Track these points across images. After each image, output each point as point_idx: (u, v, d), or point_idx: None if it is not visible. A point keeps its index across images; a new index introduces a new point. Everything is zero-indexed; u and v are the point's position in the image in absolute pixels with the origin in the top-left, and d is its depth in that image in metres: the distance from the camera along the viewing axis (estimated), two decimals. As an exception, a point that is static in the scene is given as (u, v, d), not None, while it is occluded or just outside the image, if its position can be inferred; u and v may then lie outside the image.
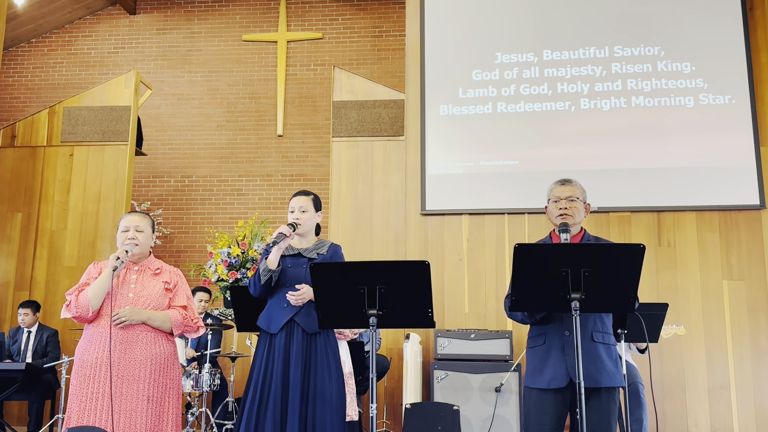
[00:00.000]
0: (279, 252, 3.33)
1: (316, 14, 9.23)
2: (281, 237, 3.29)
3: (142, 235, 3.25)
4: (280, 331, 3.31)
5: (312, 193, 3.55)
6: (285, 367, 3.26)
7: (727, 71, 6.03)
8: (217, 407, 5.66)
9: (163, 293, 3.22)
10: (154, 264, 3.32)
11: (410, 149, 6.31)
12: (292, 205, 3.47)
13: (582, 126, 6.13)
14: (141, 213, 3.39)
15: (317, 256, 3.42)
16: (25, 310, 6.19)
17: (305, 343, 3.30)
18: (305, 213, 3.45)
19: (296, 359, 3.25)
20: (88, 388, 3.04)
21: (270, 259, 3.32)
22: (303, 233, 3.47)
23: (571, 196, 2.95)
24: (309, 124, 8.95)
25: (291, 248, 3.46)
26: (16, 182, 7.16)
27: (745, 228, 5.80)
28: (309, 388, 3.24)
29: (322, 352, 3.31)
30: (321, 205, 3.57)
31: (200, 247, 8.53)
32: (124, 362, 3.06)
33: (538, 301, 2.66)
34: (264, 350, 3.34)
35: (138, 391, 3.05)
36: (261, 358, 3.33)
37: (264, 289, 3.37)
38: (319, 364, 3.29)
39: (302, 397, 3.21)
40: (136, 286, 3.19)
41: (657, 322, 4.15)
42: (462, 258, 6.03)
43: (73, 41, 9.45)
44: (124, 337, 3.08)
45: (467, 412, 5.13)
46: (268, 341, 3.35)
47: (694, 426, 5.52)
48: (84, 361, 3.08)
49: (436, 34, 6.48)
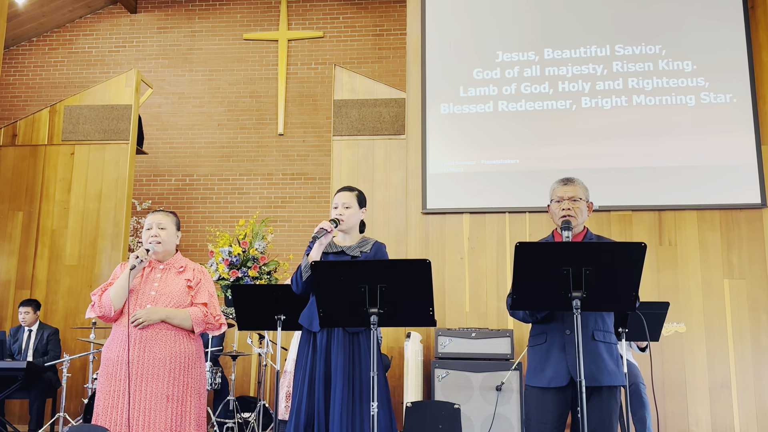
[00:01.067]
0: (320, 248, 3.24)
1: (316, 13, 9.22)
2: (322, 232, 3.21)
3: (164, 233, 3.25)
4: (321, 330, 3.25)
5: (356, 189, 3.46)
6: (327, 366, 3.21)
7: (729, 70, 6.03)
8: (218, 406, 5.66)
9: (185, 291, 3.21)
10: (179, 262, 3.32)
11: (411, 148, 6.31)
12: (336, 201, 3.39)
13: (583, 125, 6.12)
14: (165, 211, 3.38)
15: (360, 254, 3.34)
16: (26, 308, 6.20)
17: (347, 341, 3.23)
18: (348, 209, 3.36)
19: (337, 356, 3.19)
20: (111, 386, 3.06)
21: (311, 255, 3.24)
22: (346, 230, 3.39)
23: (573, 196, 2.94)
24: (310, 123, 8.95)
25: (335, 245, 3.38)
26: (17, 181, 7.16)
27: (746, 227, 5.79)
28: (354, 383, 3.19)
29: (365, 349, 3.24)
30: (366, 201, 3.48)
31: (201, 246, 8.53)
32: (144, 361, 3.07)
33: (539, 299, 2.66)
34: (308, 349, 3.28)
35: (157, 390, 3.05)
36: (305, 357, 3.28)
37: (306, 287, 3.28)
38: (363, 360, 3.22)
39: (350, 392, 3.16)
40: (159, 284, 3.19)
41: (658, 321, 4.15)
42: (463, 257, 6.03)
43: (74, 40, 9.45)
44: (143, 336, 3.09)
45: (468, 411, 5.13)
46: (311, 340, 3.29)
47: (695, 425, 5.52)
48: (107, 359, 3.11)
49: (437, 33, 6.47)
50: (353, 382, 3.19)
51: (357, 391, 3.18)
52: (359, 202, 3.42)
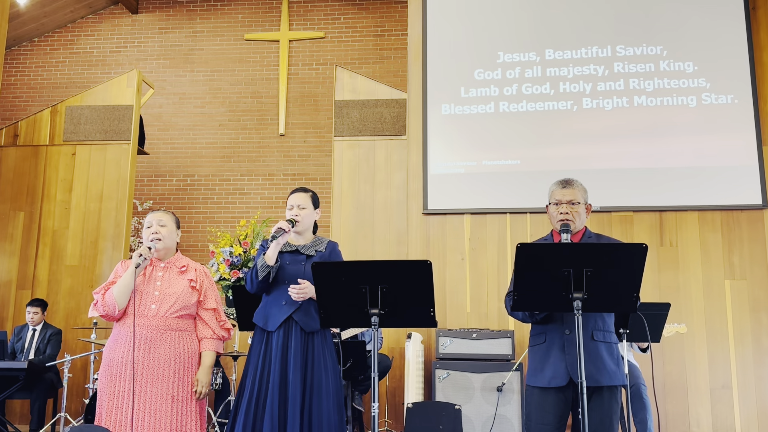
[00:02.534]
0: (277, 248, 3.31)
1: (318, 13, 9.22)
2: (280, 232, 3.27)
3: (165, 230, 3.26)
4: (277, 329, 3.29)
5: (310, 190, 3.54)
6: (283, 366, 3.24)
7: (730, 71, 6.03)
8: (219, 406, 5.66)
9: (189, 291, 3.22)
10: (180, 261, 3.32)
11: (412, 149, 6.31)
12: (291, 202, 3.46)
13: (584, 125, 6.12)
14: (164, 210, 3.40)
15: (315, 254, 3.41)
16: (35, 308, 6.20)
17: (303, 341, 3.28)
18: (304, 210, 3.44)
19: (295, 357, 3.24)
20: (115, 387, 3.06)
21: (268, 255, 3.30)
22: (301, 230, 3.46)
23: (572, 200, 2.93)
24: (311, 124, 8.95)
25: (288, 245, 3.44)
26: (18, 181, 7.16)
27: (747, 228, 5.79)
28: (307, 384, 3.23)
29: (319, 350, 3.29)
30: (319, 202, 3.56)
31: (202, 246, 8.53)
32: (149, 361, 3.07)
33: (540, 300, 2.66)
34: (261, 348, 3.31)
35: (162, 390, 3.06)
36: (258, 355, 3.30)
37: (261, 285, 3.34)
38: (316, 362, 3.27)
39: (302, 393, 3.20)
40: (161, 284, 3.19)
41: (659, 322, 4.15)
42: (464, 257, 6.03)
43: (75, 40, 9.46)
44: (148, 336, 3.09)
45: (469, 412, 5.12)
46: (265, 339, 3.33)
47: (696, 426, 5.51)
48: (111, 359, 3.10)
49: (438, 34, 6.47)
50: (306, 383, 3.23)
51: (308, 393, 3.22)
52: (313, 202, 3.50)
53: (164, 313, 3.14)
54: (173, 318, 3.15)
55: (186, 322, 3.22)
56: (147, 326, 3.10)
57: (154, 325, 3.11)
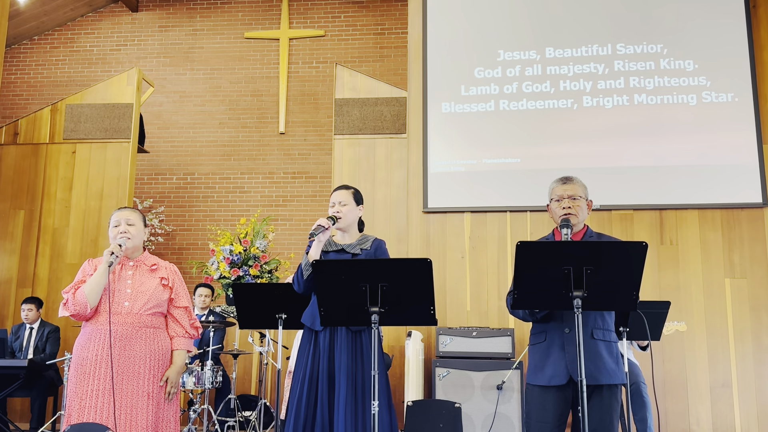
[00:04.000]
0: (319, 245, 3.24)
1: (318, 11, 9.22)
2: (320, 229, 3.20)
3: (133, 229, 3.22)
4: (324, 329, 3.25)
5: (352, 187, 3.47)
6: (330, 365, 3.20)
7: (730, 69, 6.02)
8: (219, 404, 5.67)
9: (160, 289, 3.21)
10: (150, 260, 3.30)
11: (412, 147, 6.31)
12: (333, 199, 3.40)
13: (584, 124, 6.12)
14: (131, 208, 3.36)
15: (360, 252, 3.35)
16: (29, 306, 6.20)
17: (350, 339, 3.23)
18: (345, 206, 3.36)
19: (341, 355, 3.19)
20: (87, 386, 3.02)
21: (311, 254, 3.24)
22: (344, 227, 3.40)
23: (573, 194, 2.94)
24: (311, 122, 8.95)
25: (334, 244, 3.39)
26: (18, 180, 7.16)
27: (747, 226, 5.79)
28: (358, 382, 3.18)
29: (367, 348, 3.24)
30: (362, 198, 3.49)
31: (202, 245, 8.54)
32: (124, 359, 3.06)
33: (540, 298, 2.66)
34: (309, 348, 3.27)
35: (138, 388, 3.06)
36: (307, 355, 3.26)
37: (308, 285, 3.27)
38: (365, 360, 3.22)
39: (354, 391, 3.16)
40: (133, 282, 3.18)
41: (659, 320, 4.14)
42: (464, 256, 6.03)
43: (75, 39, 9.46)
44: (123, 334, 3.08)
45: (469, 410, 5.13)
46: (313, 339, 3.28)
47: (696, 424, 5.52)
48: (83, 358, 3.07)
49: (438, 32, 6.47)
50: (356, 381, 3.19)
51: (360, 390, 3.18)
52: (356, 199, 3.43)
53: (138, 310, 3.12)
54: (147, 315, 3.14)
55: (158, 319, 3.21)
56: (122, 323, 3.08)
57: (129, 323, 3.10)
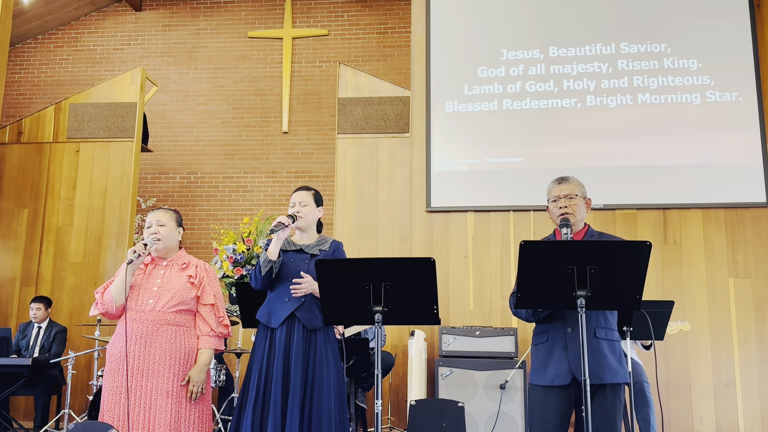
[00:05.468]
0: (279, 242, 3.31)
1: (321, 11, 9.22)
2: (280, 226, 3.27)
3: (164, 229, 3.25)
4: (280, 326, 3.30)
5: (313, 189, 3.54)
6: (286, 362, 3.25)
7: (734, 68, 6.01)
8: (222, 403, 5.67)
9: (187, 287, 3.21)
10: (183, 259, 3.32)
11: (415, 146, 6.31)
12: (293, 200, 3.47)
13: (588, 123, 6.11)
14: (165, 208, 3.38)
15: (319, 252, 3.41)
16: (38, 305, 6.22)
17: (305, 338, 3.29)
18: (305, 207, 3.44)
19: (296, 354, 3.24)
20: (114, 381, 3.08)
21: (270, 250, 3.31)
22: (304, 227, 3.46)
23: (569, 194, 2.94)
24: (314, 121, 8.95)
25: (293, 243, 3.45)
26: (22, 178, 7.18)
27: (751, 226, 5.78)
28: (308, 380, 3.23)
29: (321, 348, 3.30)
30: (322, 200, 3.56)
31: (206, 244, 8.54)
32: (145, 356, 3.07)
33: (543, 298, 2.66)
34: (264, 344, 3.32)
35: (158, 386, 3.06)
36: (262, 352, 3.31)
37: (265, 282, 3.35)
38: (317, 359, 3.27)
39: (303, 389, 3.21)
40: (161, 281, 3.20)
41: (663, 320, 4.14)
42: (467, 255, 6.03)
43: (79, 38, 9.47)
44: (144, 331, 3.10)
45: (472, 409, 5.13)
46: (268, 335, 3.33)
47: (700, 424, 5.51)
48: (111, 355, 3.13)
49: (441, 31, 6.47)
50: (307, 380, 3.23)
51: (309, 390, 3.22)
52: (316, 201, 3.50)
53: (161, 307, 3.13)
54: (170, 313, 3.14)
55: (185, 317, 3.20)
56: (143, 321, 3.10)
57: (151, 320, 3.11)
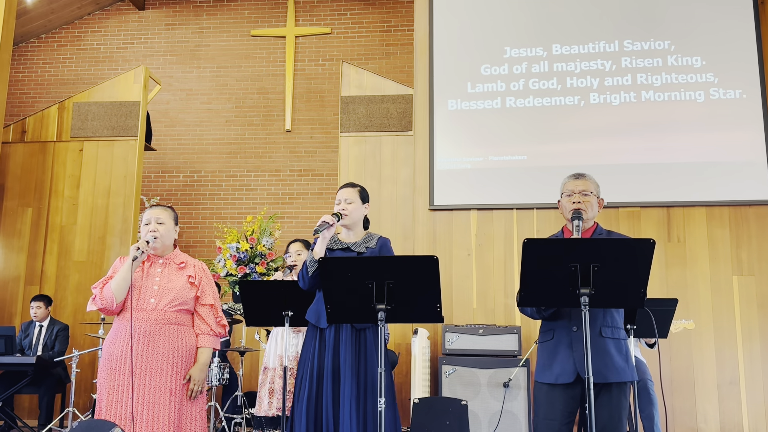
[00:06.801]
0: (324, 242, 3.25)
1: (324, 9, 9.22)
2: (324, 226, 3.21)
3: (163, 227, 3.24)
4: (329, 326, 3.25)
5: (358, 185, 3.46)
6: (335, 361, 3.21)
7: (738, 66, 5.99)
8: (226, 401, 5.68)
9: (187, 287, 3.22)
10: (179, 258, 3.31)
11: (418, 144, 6.31)
12: (338, 197, 3.40)
13: (591, 121, 6.10)
14: (163, 206, 3.38)
15: (366, 250, 3.35)
16: (38, 303, 6.23)
17: (354, 337, 3.24)
18: (351, 204, 3.36)
19: (346, 352, 3.20)
20: (114, 380, 3.07)
21: (315, 250, 3.25)
22: (350, 225, 3.40)
23: (584, 190, 2.94)
24: (317, 120, 8.95)
25: (339, 242, 3.40)
26: (26, 177, 7.20)
27: (755, 223, 5.76)
28: (361, 379, 3.19)
29: (371, 346, 3.25)
30: (368, 197, 3.48)
31: (209, 242, 8.55)
32: (147, 355, 3.08)
33: (547, 296, 2.65)
34: (314, 345, 3.28)
35: (161, 384, 3.07)
36: (312, 352, 3.27)
37: (312, 282, 3.28)
38: (369, 357, 3.23)
39: (357, 388, 3.17)
40: (160, 279, 3.20)
41: (666, 318, 4.13)
42: (470, 253, 6.03)
43: (82, 37, 9.48)
44: (146, 330, 3.10)
45: (475, 407, 5.13)
46: (317, 336, 3.29)
47: (704, 422, 5.50)
48: (110, 353, 3.12)
49: (444, 29, 6.46)
50: (359, 378, 3.19)
51: (363, 387, 3.19)
52: (362, 197, 3.42)
53: (163, 307, 3.14)
54: (172, 312, 3.16)
55: (184, 316, 3.21)
56: (146, 320, 3.11)
57: (153, 319, 3.12)
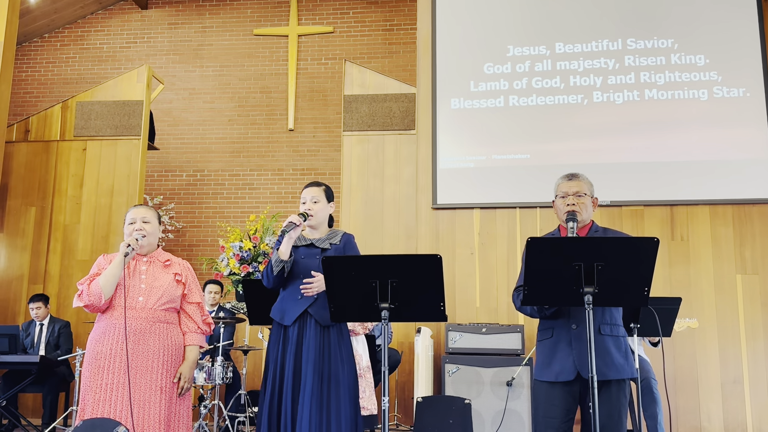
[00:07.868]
0: (290, 242, 3.29)
1: (326, 8, 9.22)
2: (291, 226, 3.25)
3: (149, 226, 3.27)
4: (293, 324, 3.29)
5: (323, 184, 3.51)
6: (298, 360, 3.24)
7: (741, 64, 5.98)
8: (229, 400, 5.69)
9: (174, 285, 3.24)
10: (163, 256, 3.33)
11: (421, 143, 6.30)
12: (304, 196, 3.45)
13: (594, 119, 6.09)
14: (146, 206, 3.40)
15: (330, 246, 3.39)
16: (36, 303, 6.24)
17: (319, 335, 3.27)
18: (317, 203, 3.41)
19: (309, 350, 3.23)
20: (102, 380, 3.05)
21: (281, 250, 3.29)
22: (315, 224, 3.44)
23: (578, 191, 2.94)
24: (320, 119, 8.95)
25: (303, 239, 3.43)
26: (29, 177, 7.21)
27: (758, 222, 5.75)
28: (324, 375, 3.22)
29: (335, 344, 3.29)
30: (333, 195, 3.54)
31: (212, 241, 8.56)
32: (137, 353, 3.08)
33: (550, 295, 2.65)
34: (279, 342, 3.32)
35: (151, 382, 3.08)
36: (276, 350, 3.31)
37: (277, 280, 3.34)
38: (332, 355, 3.26)
39: (320, 384, 3.19)
40: (146, 277, 3.21)
41: (670, 317, 4.13)
42: (473, 252, 6.02)
43: (85, 36, 9.50)
44: (137, 329, 3.10)
45: (478, 406, 5.13)
46: (282, 333, 3.33)
47: (707, 421, 5.50)
48: (98, 352, 3.09)
49: (447, 28, 6.45)
50: (322, 375, 3.22)
51: (326, 385, 3.21)
52: (327, 196, 3.47)
53: (152, 305, 3.15)
54: (160, 310, 3.16)
55: (171, 315, 3.23)
56: (136, 318, 3.11)
57: (143, 317, 3.12)
